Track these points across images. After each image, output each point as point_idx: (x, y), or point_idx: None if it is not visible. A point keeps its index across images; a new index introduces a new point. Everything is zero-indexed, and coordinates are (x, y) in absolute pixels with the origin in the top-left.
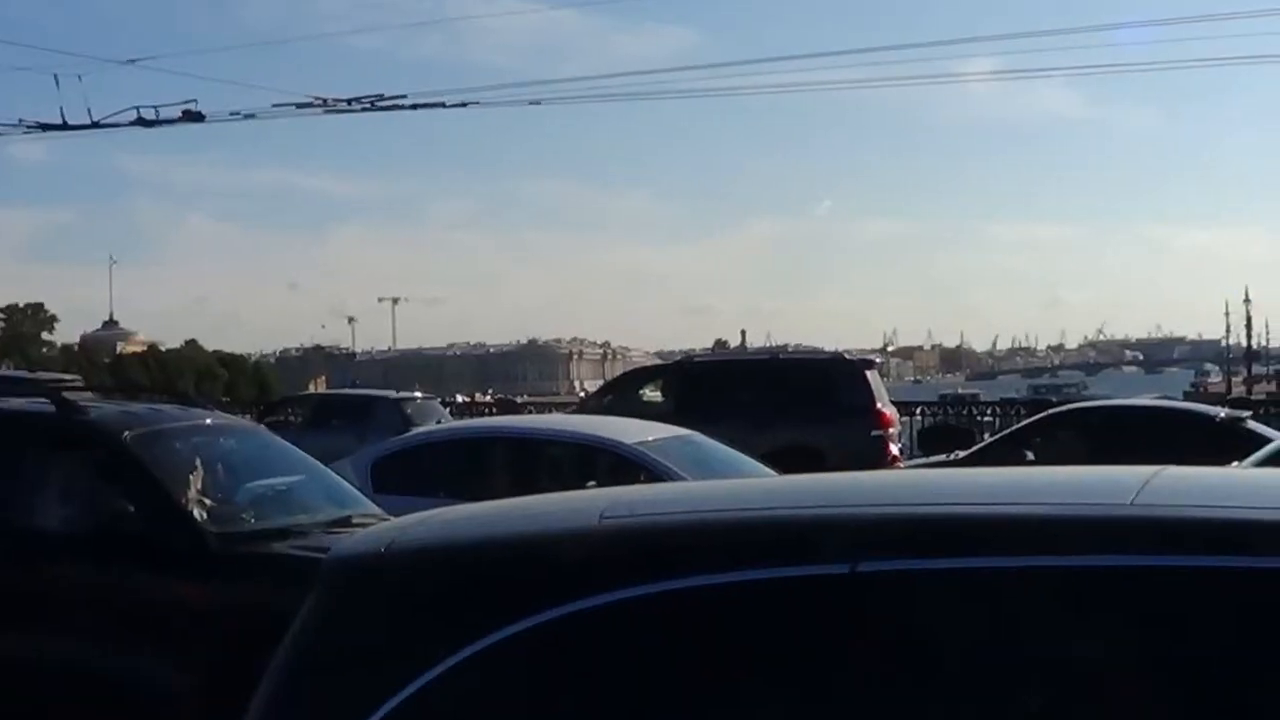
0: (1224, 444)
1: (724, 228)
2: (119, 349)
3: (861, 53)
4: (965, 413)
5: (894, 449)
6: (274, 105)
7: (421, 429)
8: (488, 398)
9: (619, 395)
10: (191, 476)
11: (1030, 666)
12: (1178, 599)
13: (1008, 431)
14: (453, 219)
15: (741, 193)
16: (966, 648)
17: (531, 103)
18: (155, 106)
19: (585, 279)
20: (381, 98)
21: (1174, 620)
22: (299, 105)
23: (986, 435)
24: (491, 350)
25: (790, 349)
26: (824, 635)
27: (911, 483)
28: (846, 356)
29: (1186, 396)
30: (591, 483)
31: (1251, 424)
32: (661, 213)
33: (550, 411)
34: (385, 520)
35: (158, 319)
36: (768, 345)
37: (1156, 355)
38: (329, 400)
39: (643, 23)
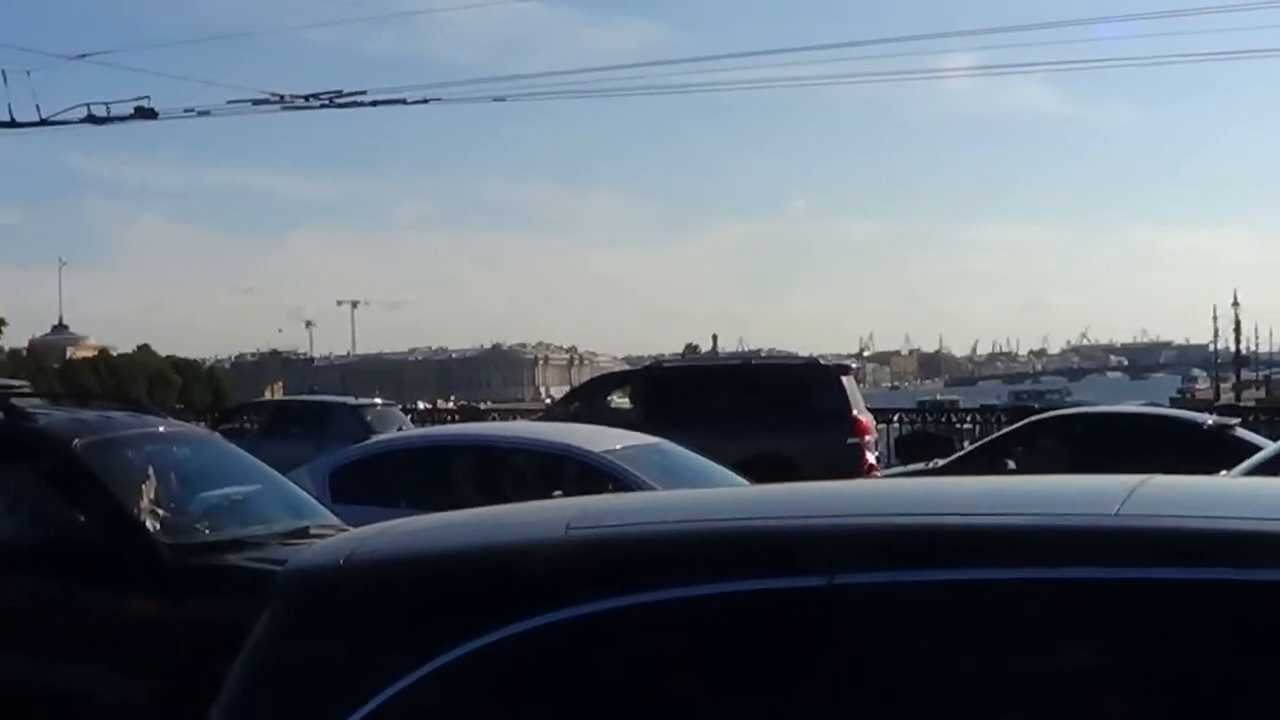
0: (1212, 452)
1: (695, 228)
2: (69, 354)
3: (836, 47)
4: (944, 420)
5: (870, 457)
6: (229, 102)
7: (382, 437)
8: (450, 404)
9: (586, 402)
10: (144, 486)
11: (1013, 681)
12: (1164, 612)
13: (988, 439)
14: (415, 220)
15: (712, 192)
16: (947, 662)
17: (495, 99)
18: (106, 103)
19: (551, 282)
20: (340, 94)
21: (1161, 633)
22: (255, 102)
23: (966, 443)
24: (454, 355)
25: (763, 354)
26: (800, 650)
27: (889, 492)
28: (821, 362)
29: (1173, 403)
30: (558, 492)
31: (1240, 431)
32: (630, 213)
33: (515, 419)
34: (344, 531)
35: (109, 323)
36: (740, 350)
37: (1142, 360)
38: (286, 407)
39: (612, 16)
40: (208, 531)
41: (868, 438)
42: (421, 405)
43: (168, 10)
